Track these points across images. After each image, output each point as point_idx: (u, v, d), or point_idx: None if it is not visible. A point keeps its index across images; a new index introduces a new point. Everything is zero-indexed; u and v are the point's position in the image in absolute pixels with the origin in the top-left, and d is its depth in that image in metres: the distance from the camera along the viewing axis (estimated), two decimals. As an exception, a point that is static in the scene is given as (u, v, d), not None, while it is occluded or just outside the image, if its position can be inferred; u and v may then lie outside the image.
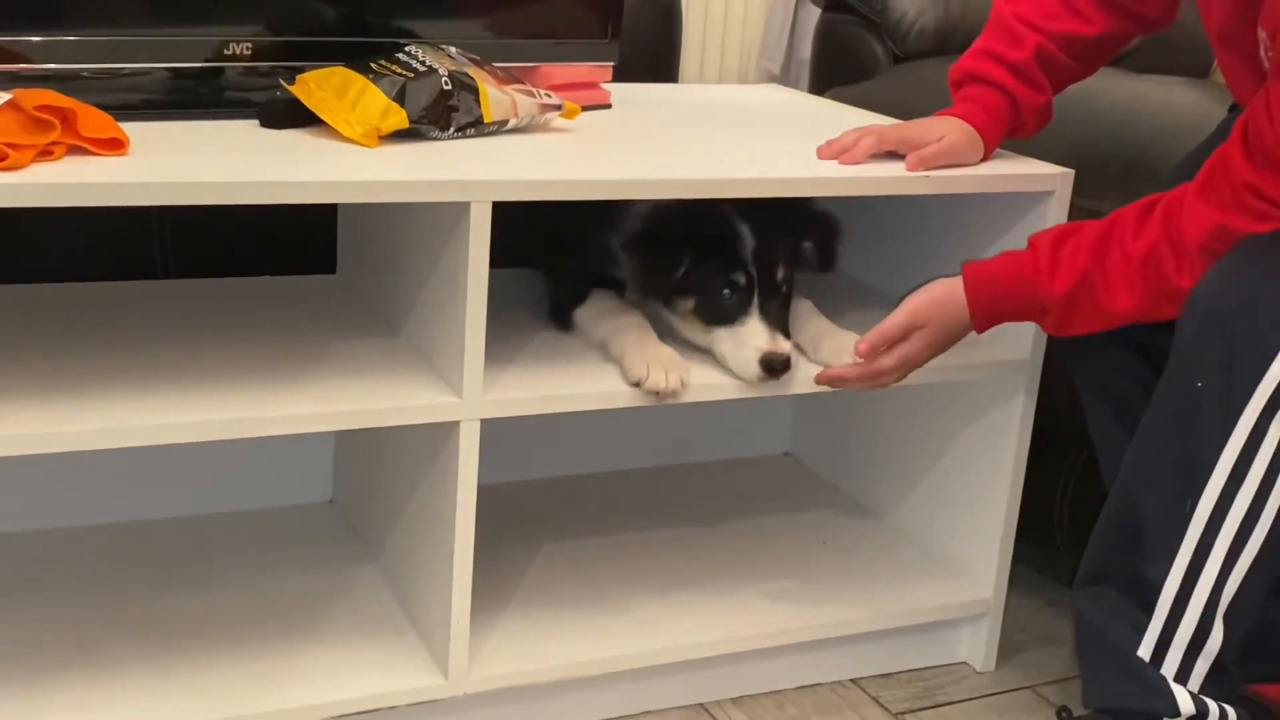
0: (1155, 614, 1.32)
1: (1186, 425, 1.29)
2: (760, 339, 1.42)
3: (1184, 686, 1.33)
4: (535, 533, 1.70)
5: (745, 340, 1.42)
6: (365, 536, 1.62)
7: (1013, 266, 1.40)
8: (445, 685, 1.39)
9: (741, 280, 1.43)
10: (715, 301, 1.44)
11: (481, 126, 1.42)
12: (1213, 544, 1.29)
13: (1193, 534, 1.30)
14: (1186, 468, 1.30)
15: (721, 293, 1.43)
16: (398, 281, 1.47)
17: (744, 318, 1.43)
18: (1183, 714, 1.32)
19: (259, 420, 1.26)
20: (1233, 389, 1.26)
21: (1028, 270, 1.39)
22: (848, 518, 1.83)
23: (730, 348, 1.43)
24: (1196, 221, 1.30)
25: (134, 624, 1.44)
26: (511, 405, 1.35)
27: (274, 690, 1.36)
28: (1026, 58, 1.52)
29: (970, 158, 1.52)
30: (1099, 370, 1.50)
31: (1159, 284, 1.32)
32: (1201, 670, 1.33)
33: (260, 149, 1.32)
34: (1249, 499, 1.27)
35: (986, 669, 1.67)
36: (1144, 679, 1.33)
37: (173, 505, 1.67)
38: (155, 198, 1.18)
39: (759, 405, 1.95)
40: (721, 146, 1.56)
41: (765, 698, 1.58)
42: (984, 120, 1.52)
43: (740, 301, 1.43)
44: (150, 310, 1.51)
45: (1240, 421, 1.26)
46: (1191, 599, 1.31)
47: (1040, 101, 1.54)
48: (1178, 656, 1.33)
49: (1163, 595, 1.32)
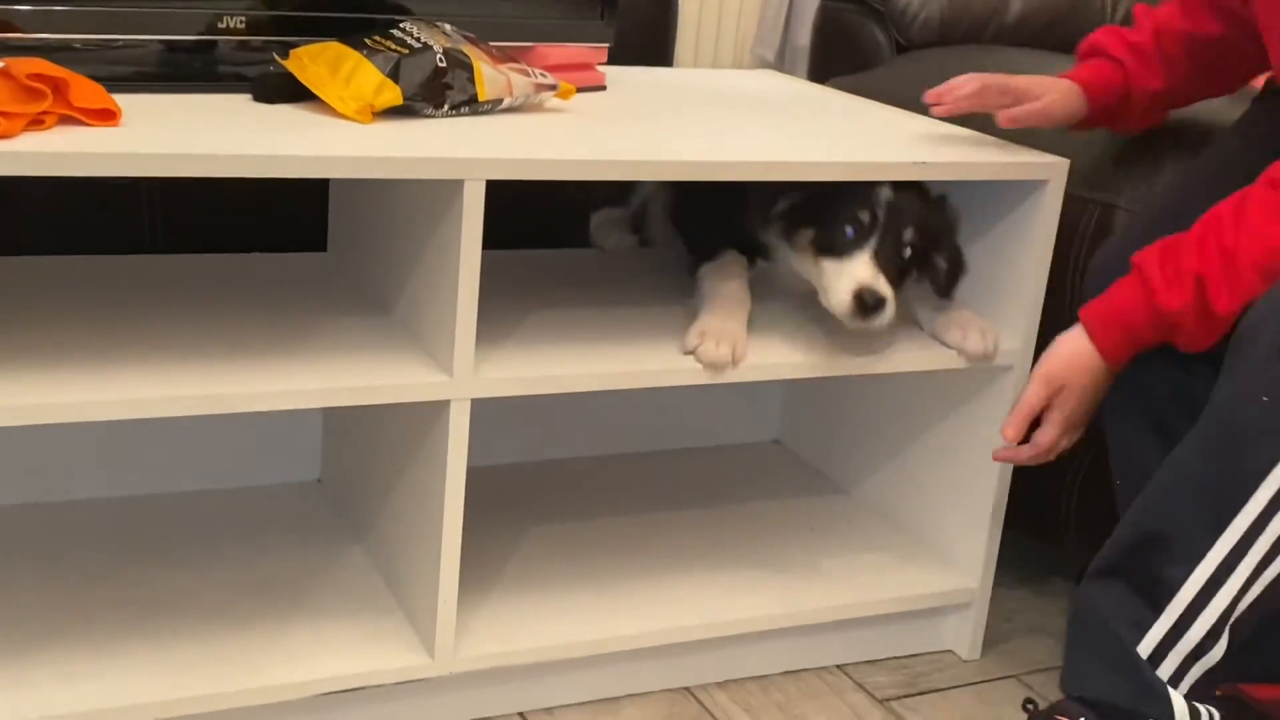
0: (1165, 614, 1.31)
1: (1240, 437, 1.28)
2: (863, 272, 1.41)
3: (1176, 690, 1.32)
4: (524, 515, 1.70)
5: (847, 272, 1.42)
6: (353, 516, 1.62)
7: (1126, 293, 1.39)
8: (432, 664, 1.39)
9: (866, 219, 1.43)
10: (834, 234, 1.44)
11: (476, 105, 1.42)
12: (1243, 557, 1.28)
13: (1225, 543, 1.28)
14: (1233, 479, 1.28)
15: (843, 227, 1.43)
16: (389, 260, 1.47)
17: (856, 253, 1.43)
18: (1175, 719, 1.32)
19: (247, 396, 1.26)
20: None
21: (1140, 294, 1.37)
22: (835, 505, 1.83)
23: (832, 278, 1.43)
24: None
25: (119, 600, 1.44)
26: (502, 385, 1.34)
27: (260, 667, 1.35)
28: (1144, 39, 1.55)
29: (1064, 123, 1.54)
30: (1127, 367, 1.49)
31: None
32: (1195, 675, 1.32)
33: (252, 123, 1.31)
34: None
35: (972, 657, 1.68)
36: (1140, 678, 1.32)
37: (160, 482, 1.66)
38: (146, 169, 1.17)
39: (749, 392, 1.95)
40: (718, 129, 1.56)
41: (751, 682, 1.58)
42: (1094, 85, 1.55)
43: (858, 240, 1.43)
44: (139, 284, 1.50)
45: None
46: (1208, 607, 1.30)
47: (1152, 86, 1.56)
48: (1176, 661, 1.32)
49: (1178, 597, 1.31)
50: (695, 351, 1.41)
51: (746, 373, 1.44)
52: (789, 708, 1.54)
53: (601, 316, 1.53)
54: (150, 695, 1.30)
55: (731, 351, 1.41)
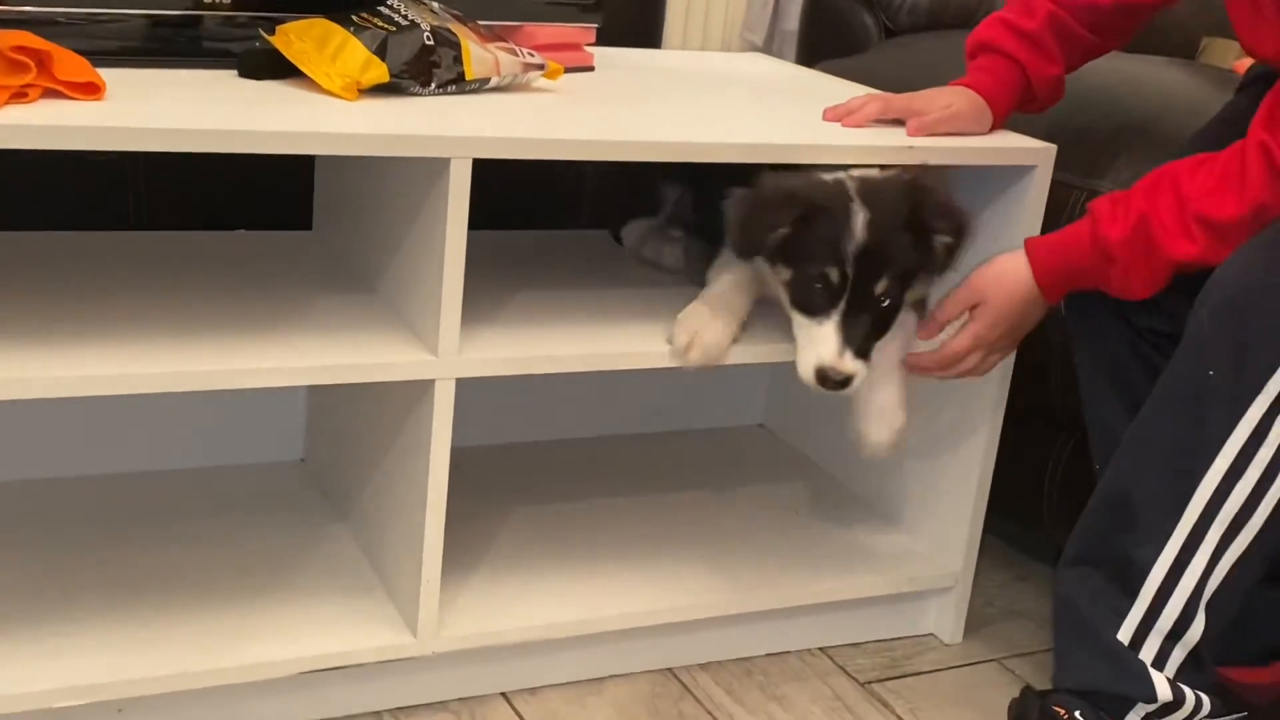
0: (1139, 599, 1.33)
1: (1193, 411, 1.29)
2: (826, 349, 1.34)
3: (1160, 672, 1.33)
4: (508, 496, 1.70)
5: (813, 343, 1.35)
6: (337, 495, 1.62)
7: (1073, 227, 1.39)
8: (414, 644, 1.39)
9: (835, 278, 1.33)
10: (805, 287, 1.36)
11: (463, 84, 1.41)
12: (1205, 533, 1.29)
13: (1186, 521, 1.29)
14: (1188, 454, 1.29)
15: (813, 284, 1.34)
16: (375, 238, 1.46)
17: (823, 318, 1.35)
18: (1159, 700, 1.33)
19: (231, 373, 1.25)
20: (1244, 380, 1.25)
21: (1086, 226, 1.37)
22: (819, 489, 1.84)
23: (801, 340, 1.37)
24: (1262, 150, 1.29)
25: (101, 577, 1.43)
26: (487, 365, 1.34)
27: (243, 645, 1.35)
28: (1039, 27, 1.51)
29: (976, 128, 1.51)
30: (1103, 346, 1.49)
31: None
32: (1178, 658, 1.33)
33: (238, 99, 1.30)
34: (1246, 492, 1.27)
35: (954, 641, 1.68)
36: (1121, 662, 1.34)
37: (143, 459, 1.66)
38: (130, 143, 1.16)
39: (734, 376, 1.95)
40: (706, 112, 1.56)
41: (734, 664, 1.58)
42: (993, 90, 1.52)
43: (827, 299, 1.34)
44: (123, 261, 1.49)
45: (1248, 414, 1.26)
46: (1178, 587, 1.31)
47: (1052, 73, 1.53)
48: (1156, 643, 1.33)
49: (1149, 580, 1.32)
50: (671, 343, 1.39)
51: (730, 355, 1.43)
52: (771, 689, 1.55)
53: (587, 298, 1.53)
54: (131, 672, 1.29)
55: (703, 355, 1.37)
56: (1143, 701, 1.34)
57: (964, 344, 1.45)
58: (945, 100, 1.51)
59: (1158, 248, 1.33)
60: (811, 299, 1.36)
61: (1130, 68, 1.82)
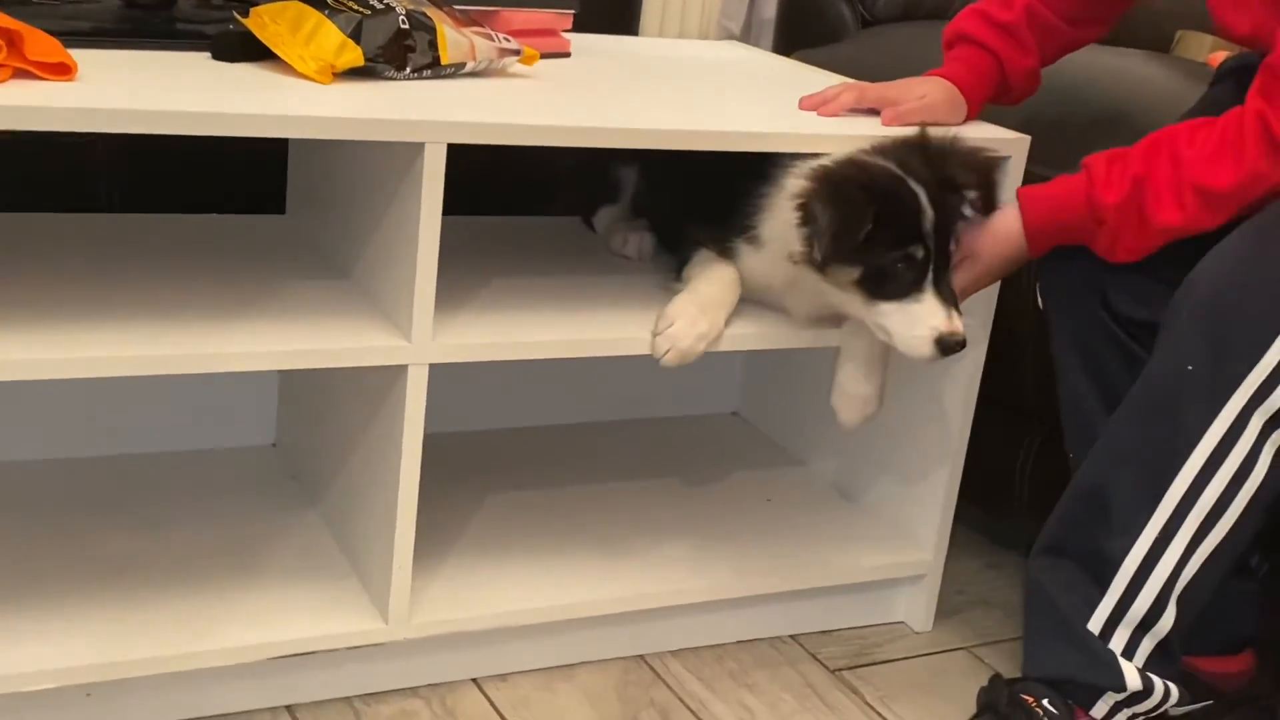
0: (1110, 590, 1.33)
1: (1170, 406, 1.30)
2: (937, 318, 1.34)
3: (1130, 662, 1.34)
4: (480, 482, 1.70)
5: (920, 319, 1.35)
6: (308, 480, 1.61)
7: (1067, 183, 1.39)
8: (385, 629, 1.39)
9: (920, 254, 1.34)
10: (887, 273, 1.34)
11: (438, 68, 1.41)
12: (1179, 528, 1.30)
13: (1160, 515, 1.30)
14: (1164, 449, 1.30)
15: (896, 266, 1.34)
16: (349, 223, 1.46)
17: (918, 294, 1.34)
18: (1127, 689, 1.34)
19: (202, 357, 1.25)
20: (1221, 377, 1.26)
21: (1081, 184, 1.37)
22: (792, 477, 1.84)
23: (901, 324, 1.36)
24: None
25: (73, 561, 1.42)
26: (460, 351, 1.34)
27: (214, 630, 1.35)
28: (1015, 18, 1.52)
29: (950, 118, 1.51)
30: (1081, 334, 1.49)
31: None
32: (1147, 648, 1.34)
33: (211, 81, 1.29)
34: (1221, 488, 1.28)
35: (924, 629, 1.69)
36: (1091, 651, 1.35)
37: (113, 443, 1.65)
38: (101, 124, 1.15)
39: (708, 364, 1.94)
40: (682, 99, 1.55)
41: (705, 651, 1.59)
42: (968, 80, 1.52)
43: (915, 276, 1.34)
44: (94, 243, 1.48)
45: (1224, 410, 1.27)
46: (1149, 579, 1.32)
47: (1027, 65, 1.53)
48: (1126, 633, 1.34)
49: (1121, 571, 1.33)
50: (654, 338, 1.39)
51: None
52: (741, 676, 1.55)
53: (561, 284, 1.53)
54: (101, 656, 1.29)
55: (678, 350, 1.38)
56: (1111, 690, 1.35)
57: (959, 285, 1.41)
58: (920, 90, 1.51)
59: (1148, 217, 1.33)
60: (898, 282, 1.35)
61: (1105, 60, 1.83)
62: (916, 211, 1.34)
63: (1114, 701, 1.35)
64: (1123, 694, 1.34)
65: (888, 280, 1.35)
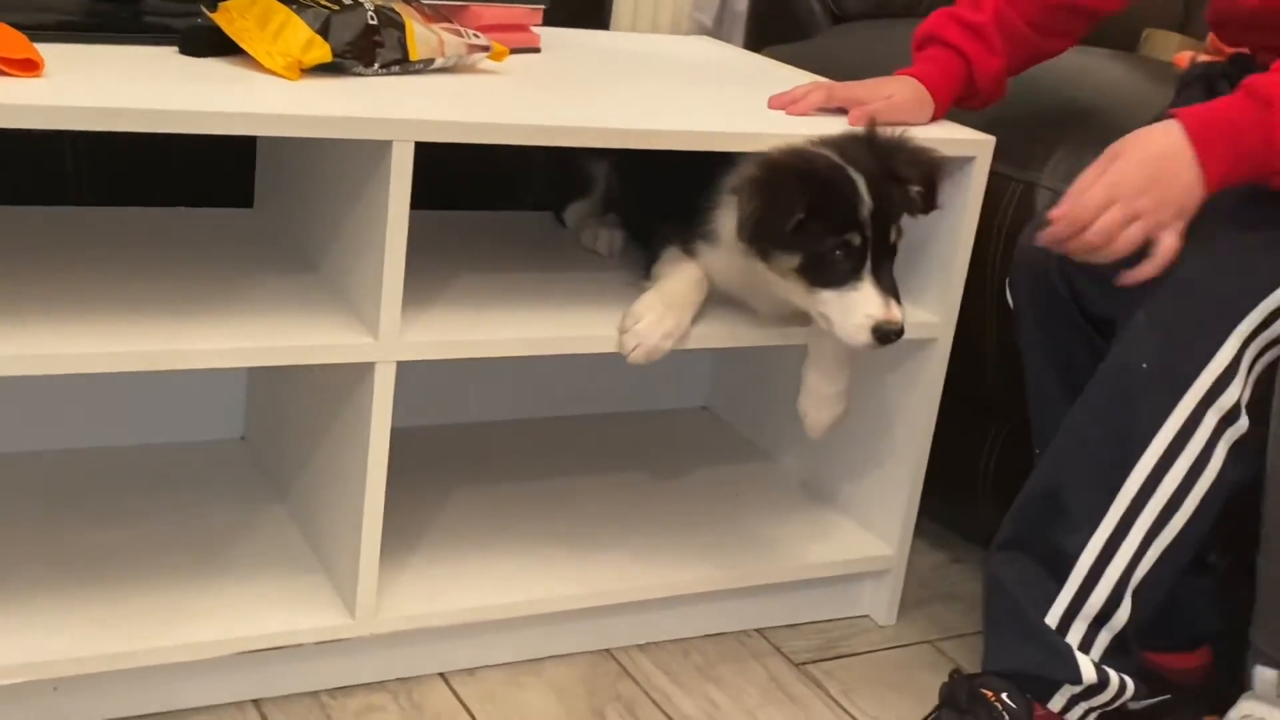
0: (1067, 584, 1.35)
1: (1126, 403, 1.31)
2: (874, 305, 1.34)
3: (1086, 656, 1.36)
4: (448, 477, 1.70)
5: (856, 306, 1.35)
6: (276, 474, 1.61)
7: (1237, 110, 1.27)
8: (352, 624, 1.39)
9: (856, 241, 1.34)
10: (825, 261, 1.35)
11: (407, 64, 1.41)
12: (1134, 522, 1.32)
13: (1116, 510, 1.32)
14: (1120, 444, 1.32)
15: (833, 253, 1.34)
16: (316, 219, 1.46)
17: (856, 281, 1.35)
18: (1084, 682, 1.36)
19: (169, 353, 1.25)
20: (1175, 374, 1.28)
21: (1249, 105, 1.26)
22: (760, 472, 1.86)
23: (839, 312, 1.36)
24: None
25: (39, 555, 1.42)
26: (428, 349, 1.34)
27: (181, 624, 1.35)
28: (985, 20, 1.53)
29: (917, 118, 1.52)
30: (1051, 331, 1.50)
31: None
32: (1104, 642, 1.36)
33: (178, 77, 1.29)
34: (1175, 483, 1.30)
35: (888, 623, 1.71)
36: (1048, 645, 1.37)
37: (81, 436, 1.65)
38: (67, 122, 1.15)
39: (678, 358, 1.95)
40: (652, 97, 1.56)
41: (671, 645, 1.60)
42: (936, 81, 1.53)
43: (853, 263, 1.35)
44: (61, 237, 1.48)
45: (1178, 407, 1.28)
46: (1105, 573, 1.34)
47: (996, 66, 1.54)
48: (1083, 627, 1.36)
49: (1077, 566, 1.34)
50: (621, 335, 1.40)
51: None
52: (708, 670, 1.57)
53: (529, 280, 1.53)
54: (67, 651, 1.29)
55: (643, 346, 1.39)
56: (1069, 683, 1.37)
57: (1097, 195, 1.28)
58: (888, 90, 1.52)
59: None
60: (836, 270, 1.35)
61: (1070, 60, 1.84)
62: (854, 199, 1.34)
63: (1070, 694, 1.37)
64: (1079, 687, 1.36)
65: (826, 268, 1.35)
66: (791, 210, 1.33)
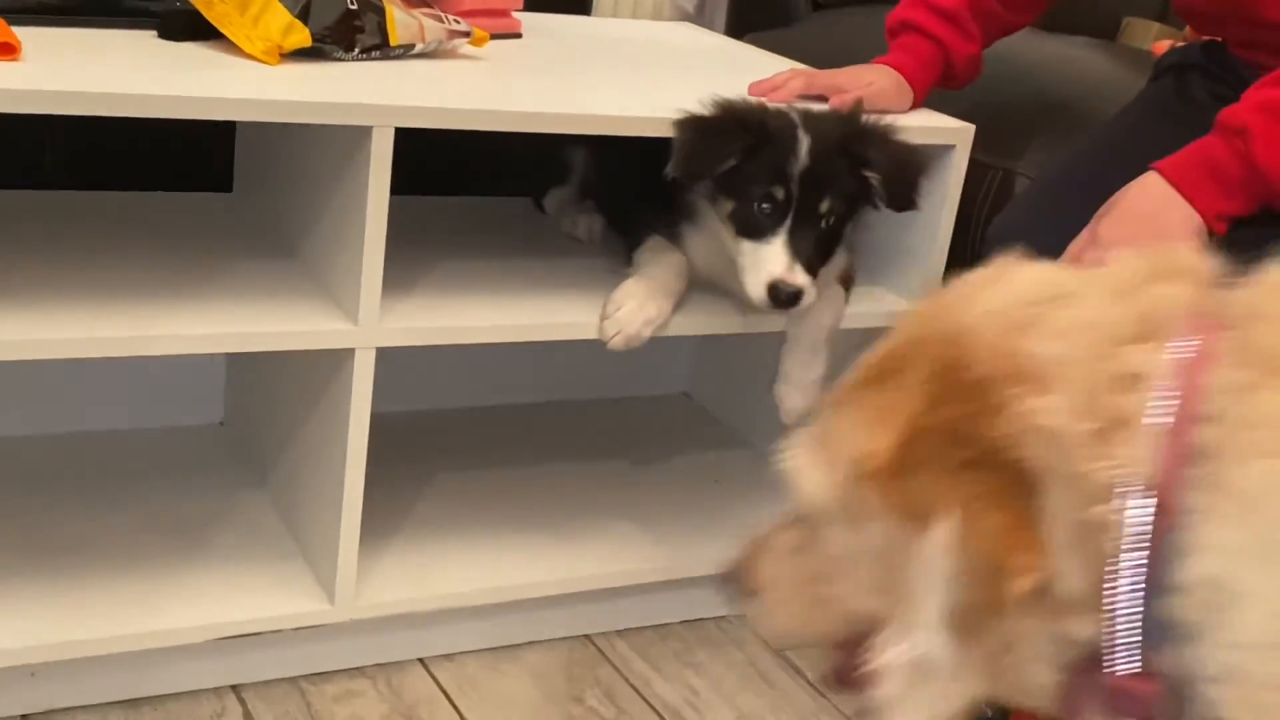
0: None
1: None
2: (776, 264, 1.35)
3: None
4: (428, 463, 1.70)
5: (762, 261, 1.36)
6: (255, 460, 1.61)
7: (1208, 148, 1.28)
8: (331, 610, 1.40)
9: (780, 195, 1.35)
10: (749, 211, 1.37)
11: (387, 49, 1.40)
12: None
13: None
14: None
15: (759, 204, 1.36)
16: (296, 204, 1.45)
17: (771, 237, 1.36)
18: None
19: (147, 339, 1.24)
20: None
21: (1223, 143, 1.27)
22: (740, 458, 1.86)
23: (748, 264, 1.37)
24: None
25: (17, 540, 1.42)
26: (407, 335, 1.34)
27: (160, 610, 1.35)
28: (959, 5, 1.54)
29: (897, 105, 1.53)
30: None
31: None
32: None
33: (157, 61, 1.28)
34: None
35: (866, 609, 1.72)
36: None
37: (59, 422, 1.64)
38: (46, 106, 1.14)
39: (659, 345, 1.95)
40: (633, 83, 1.56)
41: (650, 630, 1.60)
42: (914, 68, 1.54)
43: (773, 219, 1.36)
44: (39, 222, 1.47)
45: None
46: None
47: (971, 51, 1.55)
48: None
49: None
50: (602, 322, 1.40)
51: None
52: (686, 656, 1.57)
53: (510, 267, 1.53)
54: (45, 636, 1.29)
55: (623, 333, 1.39)
56: None
57: (1091, 255, 1.30)
58: (868, 78, 1.52)
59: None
60: (758, 221, 1.37)
61: (1050, 49, 1.85)
62: (789, 155, 1.35)
63: None
64: None
65: (750, 218, 1.37)
66: (726, 152, 1.35)
